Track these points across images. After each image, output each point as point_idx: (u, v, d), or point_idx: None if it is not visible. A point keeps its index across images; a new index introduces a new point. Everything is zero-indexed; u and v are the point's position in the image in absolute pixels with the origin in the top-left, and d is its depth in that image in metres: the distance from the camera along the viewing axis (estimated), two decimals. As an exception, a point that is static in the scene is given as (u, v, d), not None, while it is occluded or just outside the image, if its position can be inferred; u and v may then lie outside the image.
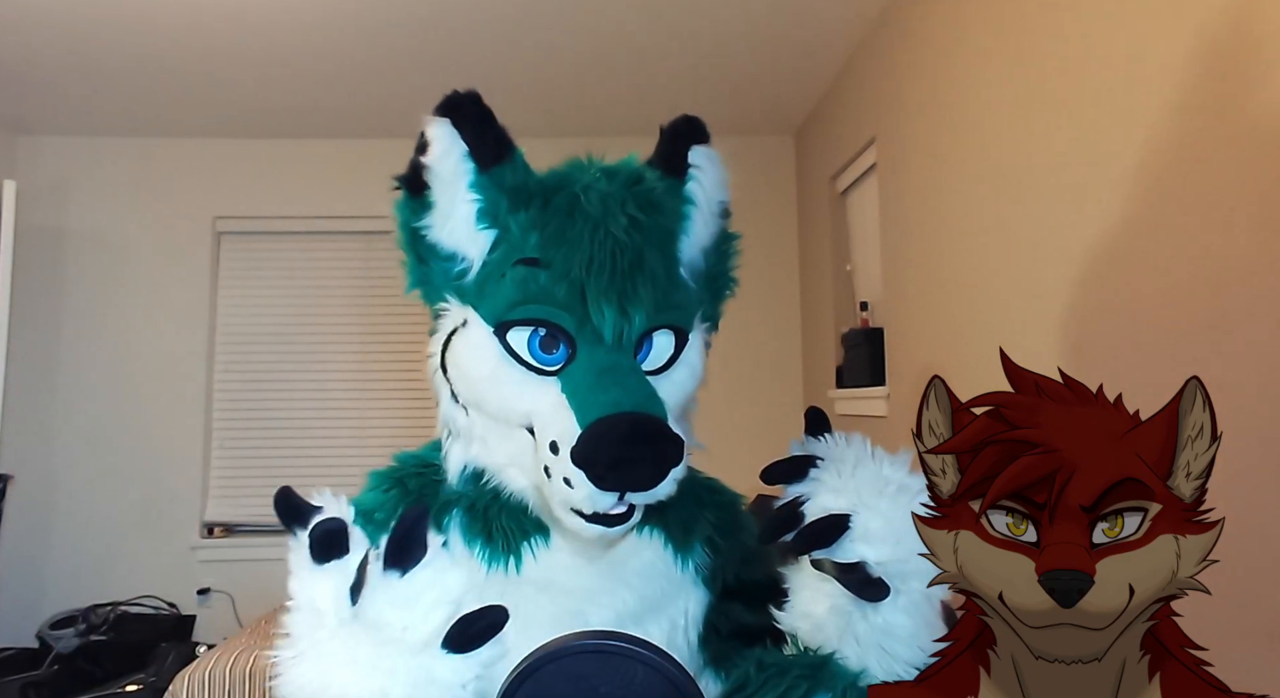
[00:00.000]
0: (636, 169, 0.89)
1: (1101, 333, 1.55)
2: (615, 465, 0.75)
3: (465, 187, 0.84)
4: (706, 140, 0.92)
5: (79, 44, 2.86)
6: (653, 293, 0.82)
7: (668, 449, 0.76)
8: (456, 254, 0.86)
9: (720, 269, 0.96)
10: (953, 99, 2.20)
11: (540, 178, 0.86)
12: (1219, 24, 1.27)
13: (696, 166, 0.90)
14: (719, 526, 0.96)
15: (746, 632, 0.91)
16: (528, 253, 0.82)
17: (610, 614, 0.84)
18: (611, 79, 3.19)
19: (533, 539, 0.87)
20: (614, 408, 0.76)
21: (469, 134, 0.84)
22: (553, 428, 0.78)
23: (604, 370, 0.79)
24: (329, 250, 3.83)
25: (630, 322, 0.80)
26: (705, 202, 0.91)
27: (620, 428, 0.75)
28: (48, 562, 3.53)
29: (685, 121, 0.92)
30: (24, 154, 3.69)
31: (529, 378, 0.81)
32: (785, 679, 0.77)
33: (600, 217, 0.81)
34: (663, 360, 0.85)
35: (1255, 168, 1.19)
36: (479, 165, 0.84)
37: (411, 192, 0.88)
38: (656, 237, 0.84)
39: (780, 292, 3.77)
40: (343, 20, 2.72)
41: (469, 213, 0.85)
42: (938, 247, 2.30)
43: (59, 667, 2.88)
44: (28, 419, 3.48)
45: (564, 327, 0.80)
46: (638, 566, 0.89)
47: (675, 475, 0.78)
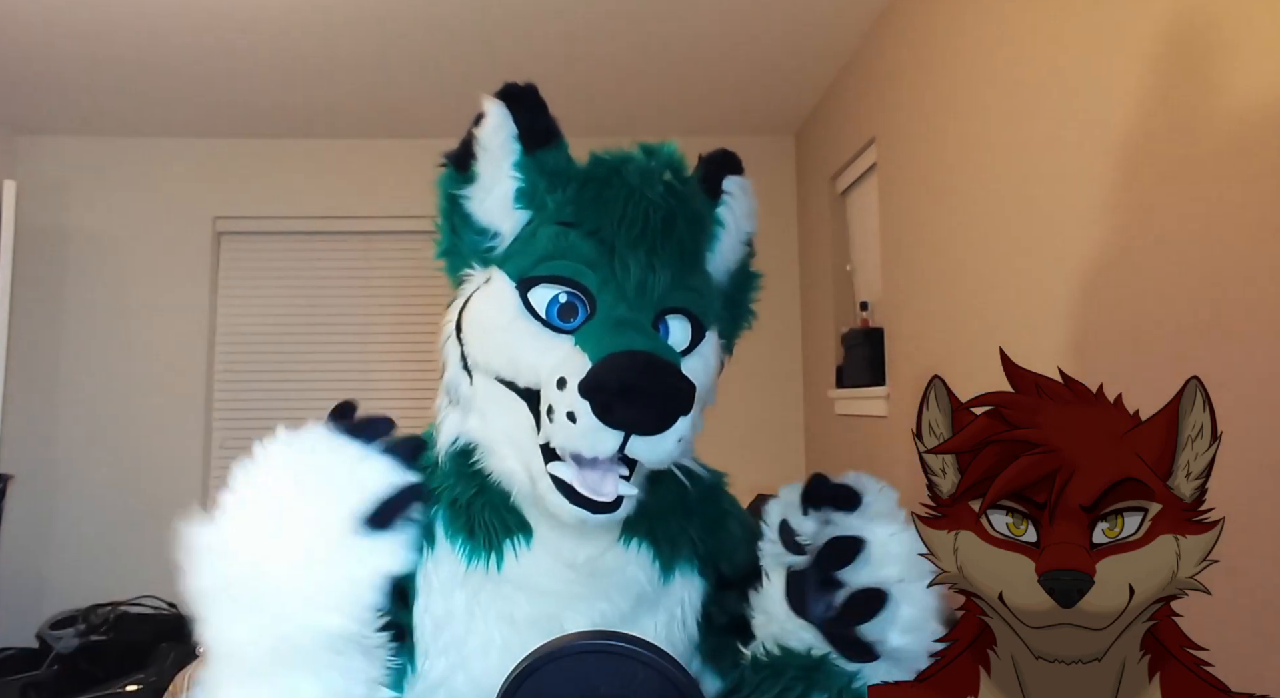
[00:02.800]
0: (678, 155, 0.90)
1: (1101, 333, 1.55)
2: (623, 393, 0.73)
3: (510, 165, 0.86)
4: (740, 172, 0.96)
5: (79, 44, 2.86)
6: (679, 258, 0.83)
7: (677, 391, 0.74)
8: (489, 229, 0.88)
9: (740, 298, 0.99)
10: (953, 99, 2.20)
11: (581, 166, 0.88)
12: (1219, 25, 1.27)
13: (729, 193, 0.94)
14: (706, 521, 0.95)
15: (742, 622, 0.90)
16: (562, 218, 0.84)
17: (586, 622, 0.83)
18: (611, 79, 3.18)
19: (515, 538, 0.85)
20: (629, 346, 0.75)
21: (522, 118, 0.87)
22: (562, 368, 0.77)
23: (622, 323, 0.79)
24: (329, 250, 3.83)
25: (655, 276, 0.81)
26: (735, 227, 0.94)
27: (634, 360, 0.74)
28: (48, 562, 3.53)
29: (722, 153, 0.97)
30: (24, 154, 3.69)
31: (543, 333, 0.81)
32: (781, 681, 0.76)
33: (638, 184, 0.83)
34: (679, 347, 0.85)
35: (1256, 168, 1.19)
36: (525, 148, 0.86)
37: (458, 168, 0.89)
38: (688, 210, 0.86)
39: (780, 292, 3.77)
40: (343, 20, 2.72)
41: (508, 190, 0.87)
42: (938, 247, 2.30)
43: (59, 667, 2.87)
44: (28, 419, 3.48)
45: (586, 285, 0.81)
46: (620, 579, 0.87)
47: (680, 431, 0.75)
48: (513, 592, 0.84)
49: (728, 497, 1.00)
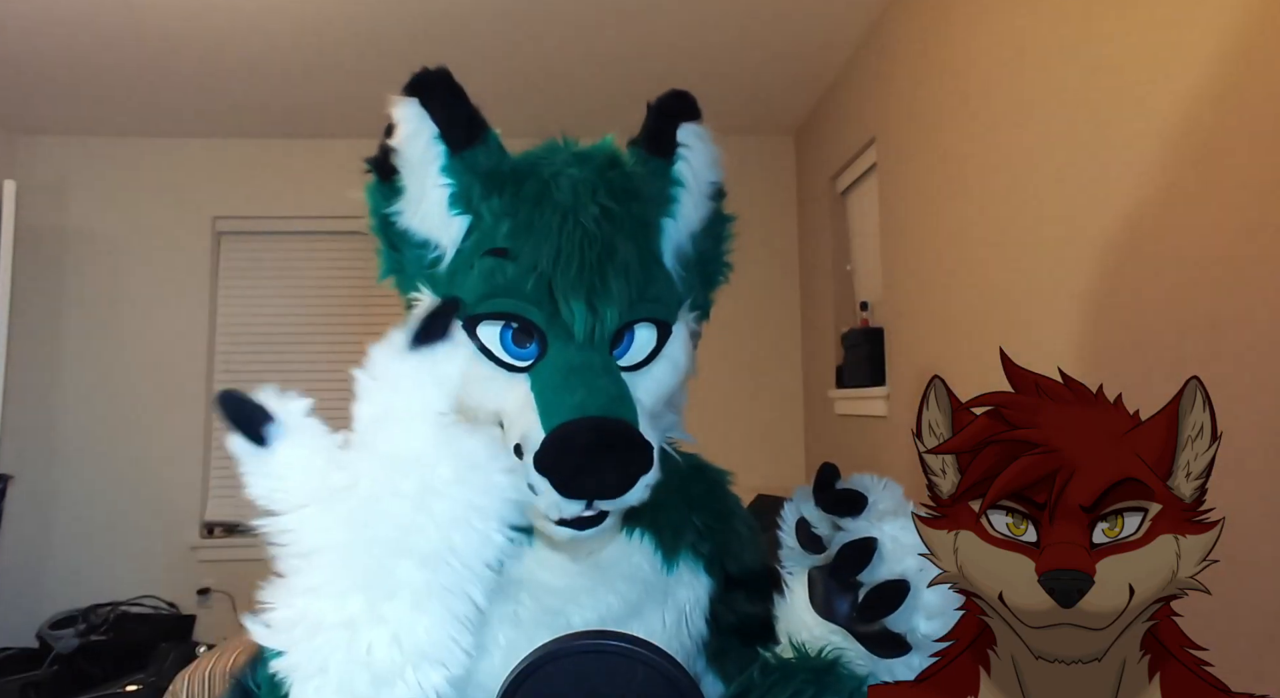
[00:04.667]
0: (612, 153, 0.84)
1: (1102, 333, 1.55)
2: (578, 473, 0.71)
3: (436, 171, 0.80)
4: (697, 117, 0.88)
5: (79, 44, 2.86)
6: (626, 287, 0.77)
7: (634, 456, 0.72)
8: (429, 241, 0.82)
9: (712, 254, 0.91)
10: (953, 99, 2.20)
11: (514, 161, 0.82)
12: (1218, 26, 1.27)
13: (685, 145, 0.86)
14: (710, 517, 0.94)
15: (749, 623, 0.90)
16: (498, 243, 0.78)
17: (593, 616, 0.82)
18: (611, 79, 3.19)
19: (515, 538, 0.84)
20: (579, 411, 0.72)
21: (439, 114, 0.79)
22: (518, 429, 0.75)
23: (573, 369, 0.75)
24: (329, 250, 3.83)
25: (601, 318, 0.76)
26: (695, 182, 0.86)
27: (583, 436, 0.71)
28: (48, 562, 3.53)
29: (673, 97, 0.87)
30: (24, 154, 3.70)
31: (498, 375, 0.78)
32: (791, 684, 0.75)
33: (570, 205, 0.77)
34: (644, 354, 0.81)
35: (1255, 168, 1.19)
36: (450, 148, 0.80)
37: (381, 176, 0.84)
38: (631, 226, 0.79)
39: (780, 292, 3.77)
40: (343, 20, 2.72)
41: (440, 198, 0.80)
42: (938, 247, 2.30)
43: (59, 667, 2.87)
44: (28, 419, 3.48)
45: (534, 321, 0.77)
46: (625, 569, 0.86)
47: (646, 481, 0.74)
48: (516, 590, 0.83)
49: (732, 496, 0.99)
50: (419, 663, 0.66)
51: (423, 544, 0.68)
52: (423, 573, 0.67)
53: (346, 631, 0.65)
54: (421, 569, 0.67)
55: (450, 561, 0.68)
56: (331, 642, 0.65)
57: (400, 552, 0.67)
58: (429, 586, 0.67)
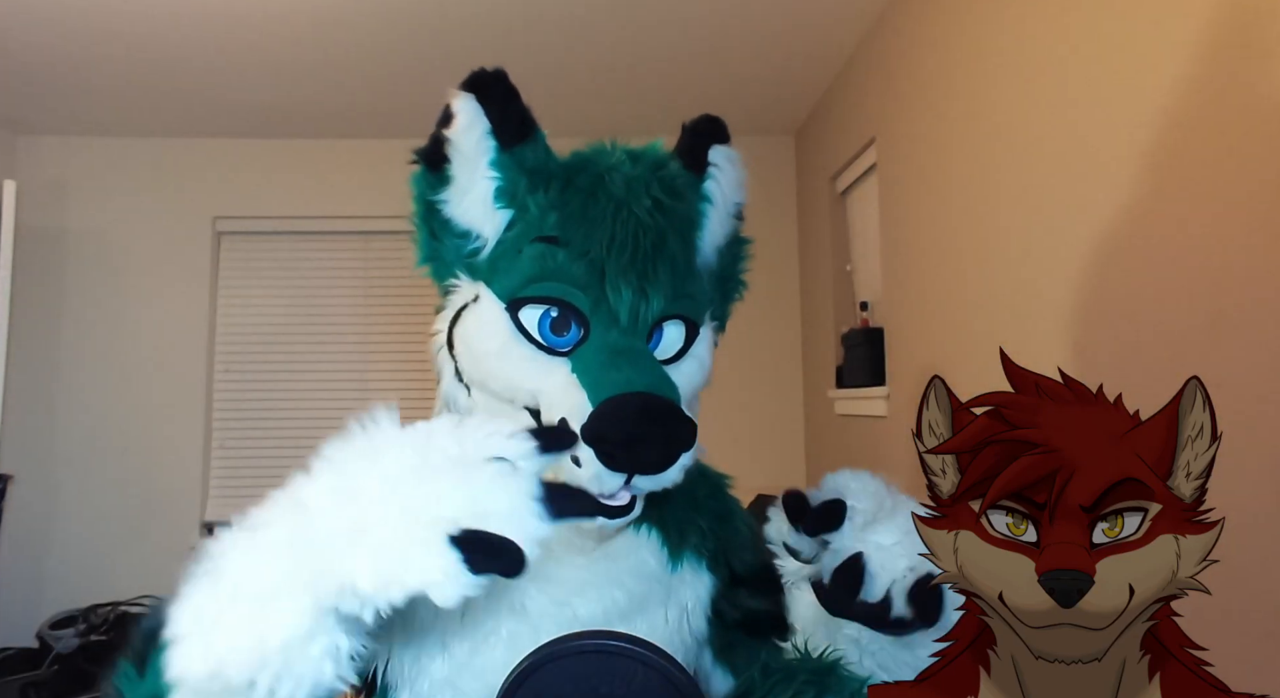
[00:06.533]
0: (662, 155, 0.88)
1: (1101, 333, 1.55)
2: (627, 444, 0.73)
3: (486, 164, 0.83)
4: (727, 140, 0.92)
5: (79, 44, 2.86)
6: (671, 278, 0.81)
7: (680, 430, 0.74)
8: (471, 232, 0.85)
9: (731, 271, 0.95)
10: (953, 99, 2.20)
11: (562, 160, 0.86)
12: (1218, 24, 1.27)
13: (715, 165, 0.90)
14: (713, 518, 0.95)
15: (754, 617, 0.90)
16: (546, 231, 0.81)
17: (598, 609, 0.83)
18: (611, 80, 3.19)
19: None
20: (627, 387, 0.74)
21: (493, 111, 0.83)
22: (562, 406, 0.76)
23: (617, 351, 0.78)
24: (329, 250, 3.83)
25: (648, 303, 0.79)
26: (722, 201, 0.90)
27: (633, 405, 0.73)
28: (48, 562, 3.53)
29: (707, 121, 0.92)
30: (24, 154, 3.69)
31: (538, 356, 0.80)
32: (792, 685, 0.76)
33: (624, 197, 0.80)
34: (673, 351, 0.84)
35: (1255, 168, 1.19)
36: (501, 144, 0.83)
37: (430, 166, 0.86)
38: (679, 223, 0.84)
39: (780, 292, 3.77)
40: (343, 20, 2.72)
41: (487, 190, 0.83)
42: (938, 247, 2.30)
43: (59, 667, 2.87)
44: (28, 419, 3.48)
45: (578, 306, 0.79)
46: (631, 564, 0.87)
47: (684, 462, 0.76)
48: (524, 582, 0.83)
49: (733, 499, 1.01)
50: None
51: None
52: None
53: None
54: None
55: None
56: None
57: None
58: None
